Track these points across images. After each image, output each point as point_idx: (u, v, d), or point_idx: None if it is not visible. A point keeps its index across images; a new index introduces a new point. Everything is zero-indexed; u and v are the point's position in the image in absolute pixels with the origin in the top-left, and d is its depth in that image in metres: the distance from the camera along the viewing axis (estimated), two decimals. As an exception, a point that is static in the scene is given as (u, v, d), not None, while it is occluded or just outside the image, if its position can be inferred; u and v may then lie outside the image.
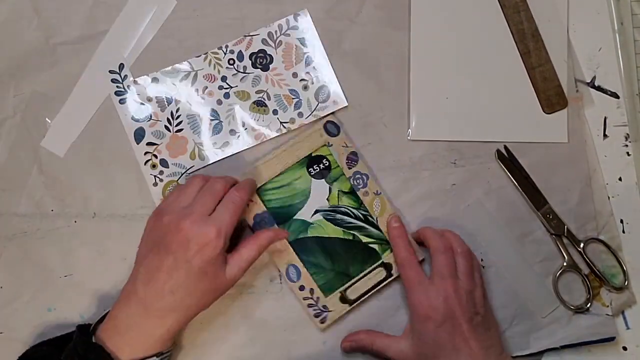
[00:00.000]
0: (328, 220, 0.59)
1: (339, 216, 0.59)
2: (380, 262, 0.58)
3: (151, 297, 0.48)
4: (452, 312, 0.51)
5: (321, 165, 0.59)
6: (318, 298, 0.57)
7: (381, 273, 0.58)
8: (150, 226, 0.53)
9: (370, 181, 0.59)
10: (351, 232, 0.59)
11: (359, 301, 0.58)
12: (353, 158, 0.59)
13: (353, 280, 0.58)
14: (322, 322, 0.57)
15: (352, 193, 0.59)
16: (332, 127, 0.59)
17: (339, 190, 0.59)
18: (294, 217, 0.59)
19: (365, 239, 0.59)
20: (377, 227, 0.59)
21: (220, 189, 0.52)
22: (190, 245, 0.48)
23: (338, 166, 0.59)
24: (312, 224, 0.59)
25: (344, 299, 0.57)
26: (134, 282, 0.50)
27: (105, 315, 0.51)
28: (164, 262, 0.49)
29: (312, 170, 0.59)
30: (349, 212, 0.59)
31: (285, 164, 0.59)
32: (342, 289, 0.58)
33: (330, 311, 0.57)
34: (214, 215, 0.50)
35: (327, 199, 0.59)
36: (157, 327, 0.49)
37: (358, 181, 0.59)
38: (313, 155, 0.59)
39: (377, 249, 0.59)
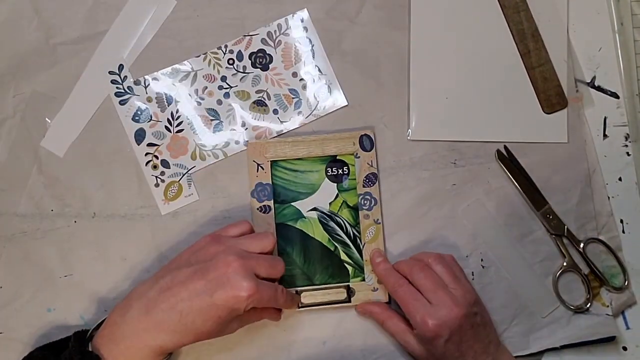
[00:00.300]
0: (321, 222, 0.59)
1: (332, 224, 0.59)
2: (346, 283, 0.58)
3: (159, 306, 0.47)
4: (458, 324, 0.51)
5: (340, 171, 0.59)
6: None
7: (342, 294, 0.58)
8: (203, 244, 0.51)
9: (376, 208, 0.59)
10: (335, 243, 0.59)
11: (307, 308, 0.57)
12: (372, 179, 0.59)
13: (313, 287, 0.58)
14: None
15: (354, 209, 0.59)
16: (366, 142, 0.59)
17: (344, 201, 0.59)
18: (292, 203, 0.59)
19: (344, 257, 0.59)
20: (360, 252, 0.59)
21: (279, 272, 0.51)
22: (224, 286, 0.47)
23: (355, 179, 0.59)
24: (304, 218, 0.59)
25: None
26: (151, 286, 0.49)
27: (103, 322, 0.50)
28: (194, 283, 0.47)
29: (329, 171, 0.59)
30: (343, 225, 0.59)
31: (309, 153, 0.59)
32: (299, 288, 0.57)
33: None
34: (261, 282, 0.49)
35: (330, 203, 0.59)
36: (152, 340, 0.47)
37: (365, 202, 0.59)
38: (338, 157, 0.59)
39: (350, 270, 0.59)
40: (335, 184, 0.59)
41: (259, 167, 0.59)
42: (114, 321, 0.49)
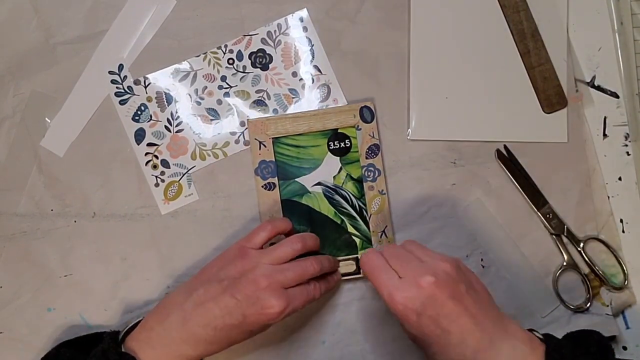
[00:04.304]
0: (326, 196, 0.59)
1: (337, 197, 0.59)
2: (355, 255, 0.58)
3: (194, 319, 0.48)
4: (428, 294, 0.45)
5: (342, 144, 0.60)
6: None
7: (351, 266, 0.58)
8: (231, 257, 0.51)
9: (380, 178, 0.59)
10: (341, 217, 0.59)
11: None
12: (374, 150, 0.59)
13: None
14: None
15: (359, 182, 0.59)
16: (367, 113, 0.59)
17: (348, 174, 0.60)
18: (296, 179, 0.59)
19: (351, 229, 0.59)
20: (367, 224, 0.59)
21: (311, 275, 0.52)
22: (254, 303, 0.48)
23: (357, 151, 0.60)
24: (309, 193, 0.59)
25: None
26: (185, 296, 0.50)
27: (134, 325, 0.51)
28: (224, 301, 0.48)
29: (331, 145, 0.60)
30: (348, 198, 0.59)
31: (310, 127, 0.59)
32: None
33: None
34: (290, 293, 0.49)
35: (334, 177, 0.60)
36: (190, 350, 0.49)
37: (369, 173, 0.59)
38: (339, 131, 0.60)
39: (357, 242, 0.59)
40: (338, 158, 0.60)
41: (261, 145, 0.59)
42: (151, 327, 0.50)
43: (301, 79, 0.61)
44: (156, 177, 0.60)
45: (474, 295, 0.47)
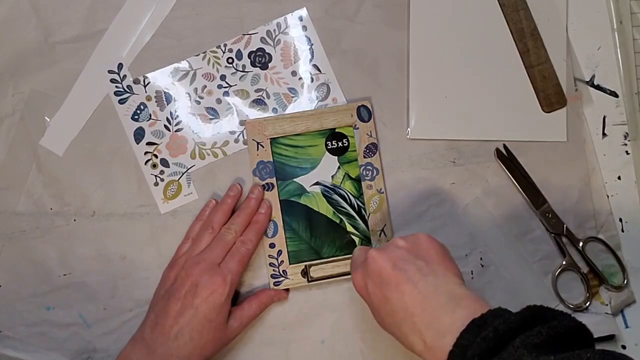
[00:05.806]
0: (324, 196, 0.59)
1: (335, 197, 0.59)
2: None
3: (156, 341, 0.49)
4: (374, 264, 0.46)
5: (340, 143, 0.60)
6: (282, 262, 0.58)
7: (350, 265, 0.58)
8: (164, 276, 0.55)
9: (378, 177, 0.59)
10: (340, 216, 0.59)
11: (318, 281, 0.58)
12: (372, 149, 0.59)
13: (321, 260, 0.58)
14: (275, 284, 0.58)
15: (357, 181, 0.59)
16: (364, 112, 0.60)
17: (346, 173, 0.60)
18: (294, 179, 0.59)
19: (350, 228, 0.59)
20: (365, 223, 0.59)
21: (231, 241, 0.54)
22: (198, 292, 0.50)
23: (355, 150, 0.60)
24: (308, 193, 0.59)
25: (305, 274, 0.58)
26: (142, 328, 0.52)
27: None
28: (172, 307, 0.50)
29: (329, 144, 0.60)
30: (346, 197, 0.59)
31: (307, 127, 0.59)
32: (308, 263, 0.58)
33: (288, 279, 0.58)
34: (223, 264, 0.52)
35: (332, 177, 0.60)
36: None
37: (367, 172, 0.59)
38: (336, 130, 0.60)
39: (357, 242, 0.59)
40: (336, 157, 0.60)
41: (259, 146, 0.59)
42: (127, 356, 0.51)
43: (300, 78, 0.61)
44: (155, 176, 0.60)
45: (424, 267, 0.45)
